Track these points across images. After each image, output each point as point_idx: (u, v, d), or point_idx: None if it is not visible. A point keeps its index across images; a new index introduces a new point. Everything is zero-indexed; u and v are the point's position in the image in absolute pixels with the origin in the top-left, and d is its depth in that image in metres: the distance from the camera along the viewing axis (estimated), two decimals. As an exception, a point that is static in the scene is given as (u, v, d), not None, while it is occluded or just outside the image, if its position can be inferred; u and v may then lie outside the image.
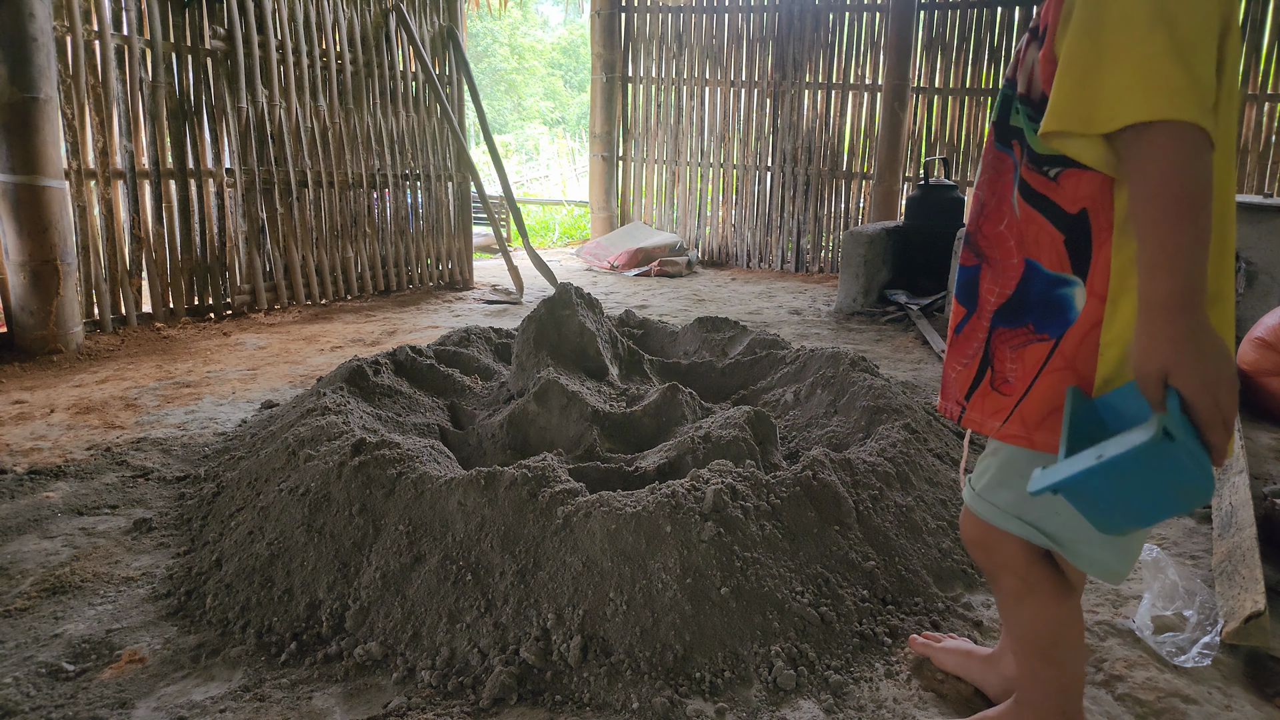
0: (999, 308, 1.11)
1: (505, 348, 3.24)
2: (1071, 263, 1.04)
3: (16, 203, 3.47)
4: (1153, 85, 0.88)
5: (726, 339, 3.28)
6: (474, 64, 5.71)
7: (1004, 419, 1.09)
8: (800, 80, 7.15)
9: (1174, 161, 0.89)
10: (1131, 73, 0.90)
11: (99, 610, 1.70)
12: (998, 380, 1.11)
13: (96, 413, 2.93)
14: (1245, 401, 3.05)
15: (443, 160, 5.66)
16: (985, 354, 1.13)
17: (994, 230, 1.13)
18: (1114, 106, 0.90)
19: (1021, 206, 1.08)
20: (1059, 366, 1.04)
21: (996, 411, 1.11)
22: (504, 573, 1.62)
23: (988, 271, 1.14)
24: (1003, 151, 1.12)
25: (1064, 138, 0.97)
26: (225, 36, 4.40)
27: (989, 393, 1.12)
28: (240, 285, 4.59)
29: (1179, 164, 0.88)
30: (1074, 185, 1.02)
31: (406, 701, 1.43)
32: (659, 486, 1.74)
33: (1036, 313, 1.07)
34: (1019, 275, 1.08)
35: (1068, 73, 0.95)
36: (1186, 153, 0.88)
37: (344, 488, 1.82)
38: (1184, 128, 0.88)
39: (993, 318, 1.12)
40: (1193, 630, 1.65)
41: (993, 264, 1.13)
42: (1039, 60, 1.04)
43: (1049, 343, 1.05)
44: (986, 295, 1.13)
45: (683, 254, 7.13)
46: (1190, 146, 0.89)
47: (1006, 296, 1.10)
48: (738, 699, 1.44)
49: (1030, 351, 1.07)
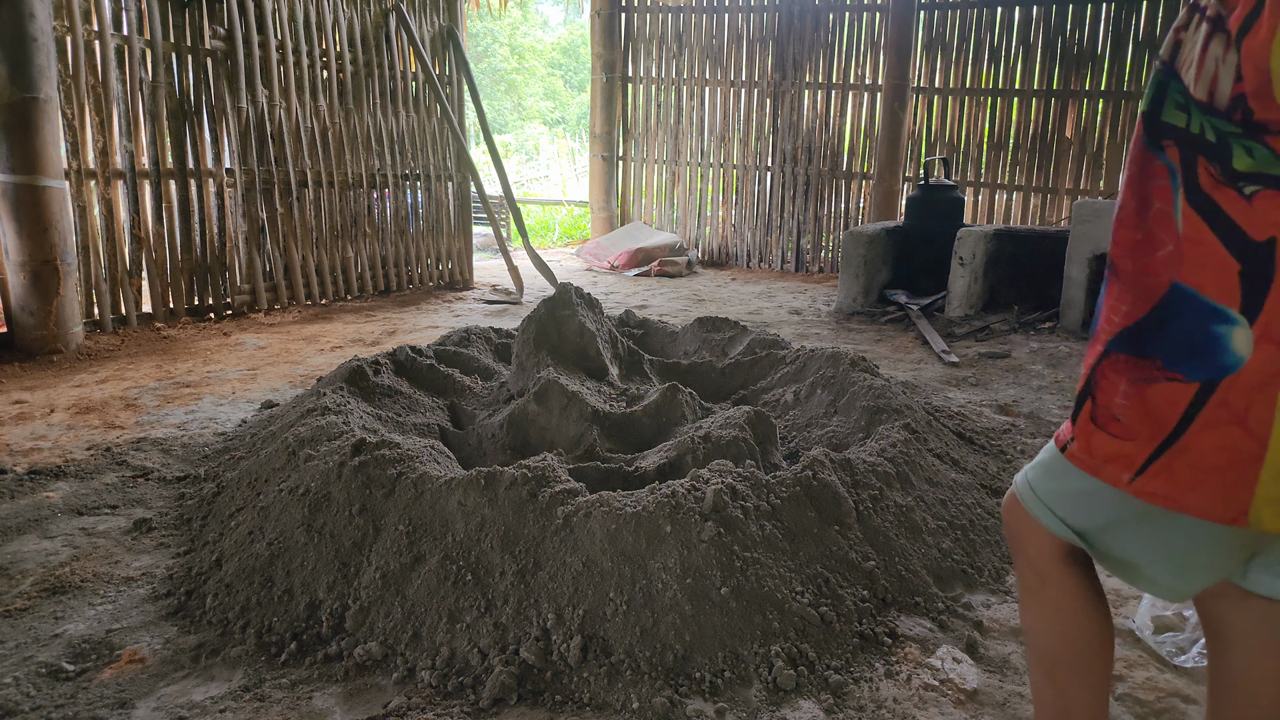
0: (1123, 330, 0.95)
1: (505, 348, 3.24)
2: (1242, 298, 0.86)
3: (16, 203, 3.47)
4: None
5: (726, 339, 3.28)
6: (474, 64, 5.72)
7: (1135, 471, 0.92)
8: (800, 80, 7.15)
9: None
10: None
11: (99, 610, 1.70)
12: (1102, 416, 0.96)
13: (96, 413, 2.93)
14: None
15: (443, 160, 5.66)
16: (1090, 380, 0.99)
17: (1129, 238, 0.96)
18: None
19: (1190, 221, 0.89)
20: (1223, 420, 0.87)
21: (1116, 458, 0.94)
22: (504, 573, 1.62)
23: (1115, 286, 0.97)
24: (1152, 153, 0.94)
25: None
26: (225, 36, 4.40)
27: (1093, 430, 0.97)
28: (240, 285, 4.59)
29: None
30: (1270, 208, 0.84)
31: (406, 701, 1.43)
32: (659, 486, 1.74)
33: (1171, 346, 0.90)
34: (1159, 296, 0.91)
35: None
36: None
37: (344, 488, 1.82)
38: None
39: (1111, 341, 0.96)
40: (1193, 630, 1.65)
41: (1122, 276, 0.96)
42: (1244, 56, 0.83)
43: (1188, 386, 0.88)
44: (1110, 314, 0.97)
45: (683, 254, 7.13)
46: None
47: (1136, 319, 0.93)
48: (738, 699, 1.44)
49: (1156, 392, 0.90)
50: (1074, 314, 4.52)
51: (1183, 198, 0.90)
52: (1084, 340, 4.35)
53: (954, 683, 1.52)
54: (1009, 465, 2.54)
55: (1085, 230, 4.42)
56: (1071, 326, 4.50)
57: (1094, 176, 6.54)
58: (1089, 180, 6.59)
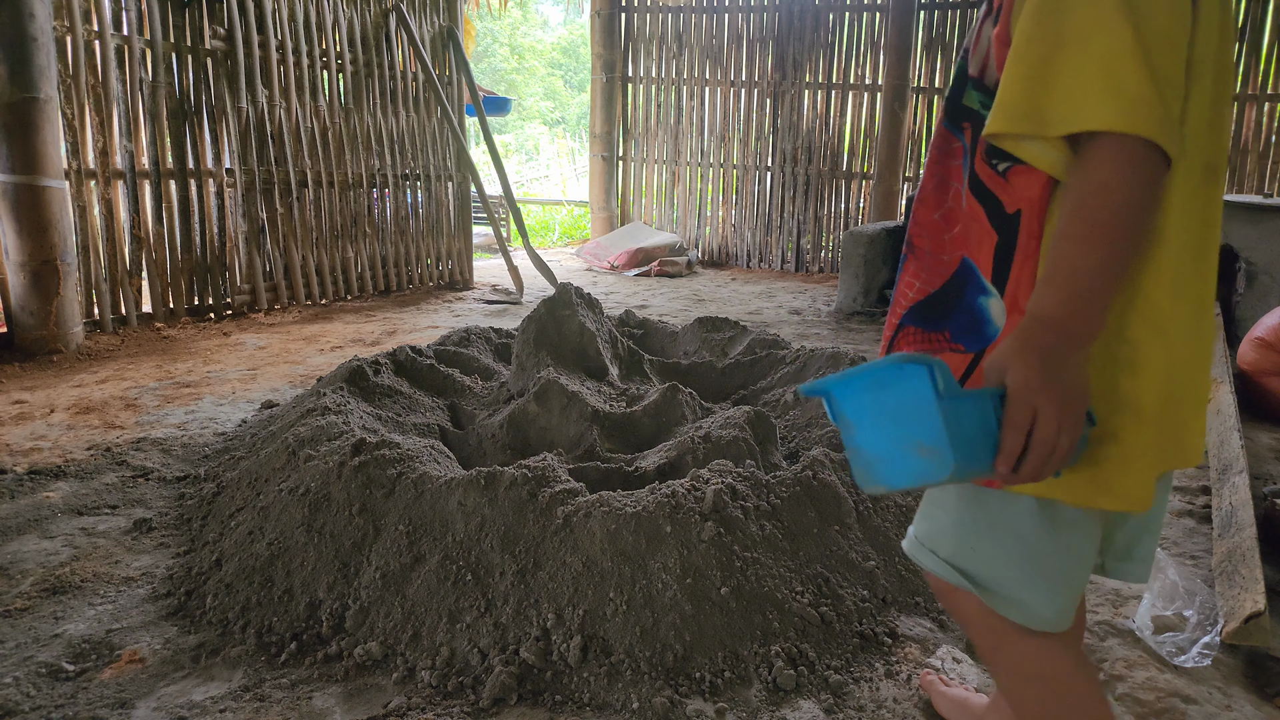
0: (915, 304, 0.97)
1: (505, 348, 3.23)
2: (994, 270, 0.91)
3: (16, 203, 3.47)
4: (1112, 88, 0.76)
5: (726, 339, 3.28)
6: (474, 64, 5.70)
7: None
8: (800, 80, 7.15)
9: (1113, 179, 0.77)
10: (1093, 68, 0.77)
11: (99, 610, 1.70)
12: None
13: (96, 413, 2.93)
14: (1245, 401, 3.05)
15: (443, 160, 5.66)
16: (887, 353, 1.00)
17: (928, 217, 0.99)
18: (1072, 107, 0.78)
19: (969, 200, 0.94)
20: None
21: None
22: (504, 573, 1.62)
23: (911, 263, 1.00)
24: (951, 133, 0.97)
25: (1016, 139, 0.85)
26: (225, 36, 4.40)
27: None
28: (240, 285, 4.59)
29: (1117, 183, 0.77)
30: (1023, 184, 0.88)
31: (406, 701, 1.43)
32: (659, 486, 1.74)
33: (957, 320, 0.93)
34: (950, 273, 0.95)
35: (1021, 61, 0.82)
36: (1129, 172, 0.77)
37: (344, 488, 1.82)
38: (1135, 144, 0.76)
39: (905, 315, 0.98)
40: (1193, 630, 1.65)
41: (919, 255, 0.99)
42: (993, 39, 0.90)
43: (966, 356, 0.92)
44: (904, 288, 1.00)
45: (683, 254, 7.13)
46: (1136, 165, 0.77)
47: (927, 294, 0.97)
48: (738, 699, 1.44)
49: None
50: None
51: (966, 177, 0.94)
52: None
53: (954, 684, 1.52)
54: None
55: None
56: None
57: (1094, 176, 6.54)
58: (1089, 180, 6.58)
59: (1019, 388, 0.78)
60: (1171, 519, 2.24)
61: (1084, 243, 0.79)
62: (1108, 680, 1.55)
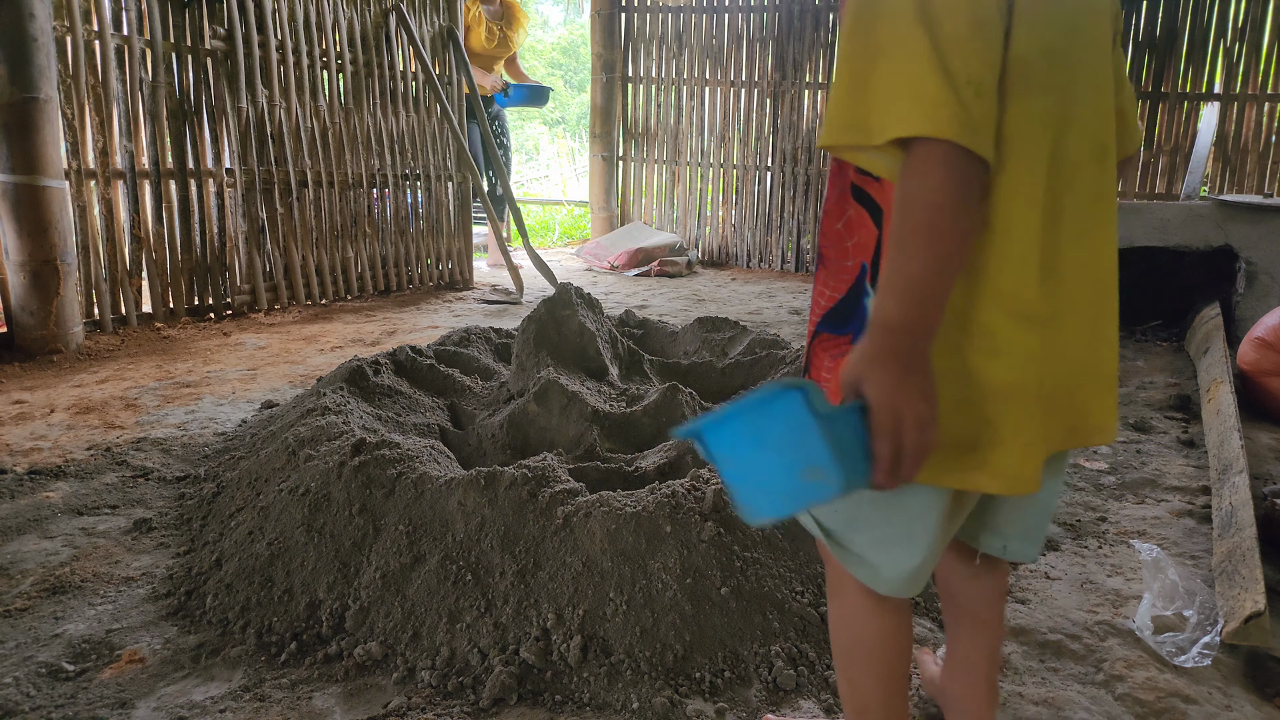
0: (827, 311, 1.01)
1: (505, 348, 3.23)
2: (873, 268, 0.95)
3: (16, 203, 3.47)
4: (913, 95, 0.80)
5: (726, 339, 3.28)
6: (474, 64, 5.68)
7: None
8: (800, 80, 7.15)
9: (921, 183, 0.81)
10: (897, 78, 0.81)
11: (99, 610, 1.70)
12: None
13: (96, 413, 2.93)
14: (1245, 401, 3.05)
15: (443, 160, 5.66)
16: (806, 361, 1.05)
17: (831, 227, 1.03)
18: (883, 116, 0.82)
19: (854, 206, 0.99)
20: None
21: None
22: (504, 573, 1.62)
23: (821, 272, 1.04)
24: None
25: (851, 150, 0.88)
26: (225, 36, 4.40)
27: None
28: (240, 285, 4.59)
29: (926, 186, 0.80)
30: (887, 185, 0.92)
31: (406, 701, 1.43)
32: (659, 486, 1.74)
33: (854, 323, 0.97)
34: (853, 278, 0.99)
35: (840, 76, 0.86)
36: (937, 175, 0.80)
37: (344, 488, 1.82)
38: (938, 147, 0.79)
39: (819, 322, 1.02)
40: (1193, 630, 1.65)
41: (828, 264, 1.03)
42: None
43: None
44: (818, 297, 1.04)
45: (683, 254, 7.13)
46: (941, 167, 0.80)
47: (836, 301, 1.00)
48: (738, 699, 1.45)
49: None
50: (1074, 314, 4.51)
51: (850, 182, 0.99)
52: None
53: (954, 683, 1.52)
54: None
55: (1085, 230, 4.41)
56: (1071, 326, 4.50)
57: (1094, 176, 6.53)
58: (1089, 180, 6.57)
59: (879, 396, 0.82)
60: (1171, 519, 2.24)
61: (907, 247, 0.82)
62: (1107, 680, 1.55)
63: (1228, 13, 6.15)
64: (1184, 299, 4.49)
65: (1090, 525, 2.20)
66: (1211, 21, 6.20)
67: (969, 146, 0.79)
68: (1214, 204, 4.18)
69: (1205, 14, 6.20)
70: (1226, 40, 6.20)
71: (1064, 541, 2.11)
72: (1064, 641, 1.67)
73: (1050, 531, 2.15)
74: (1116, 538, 2.13)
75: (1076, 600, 1.82)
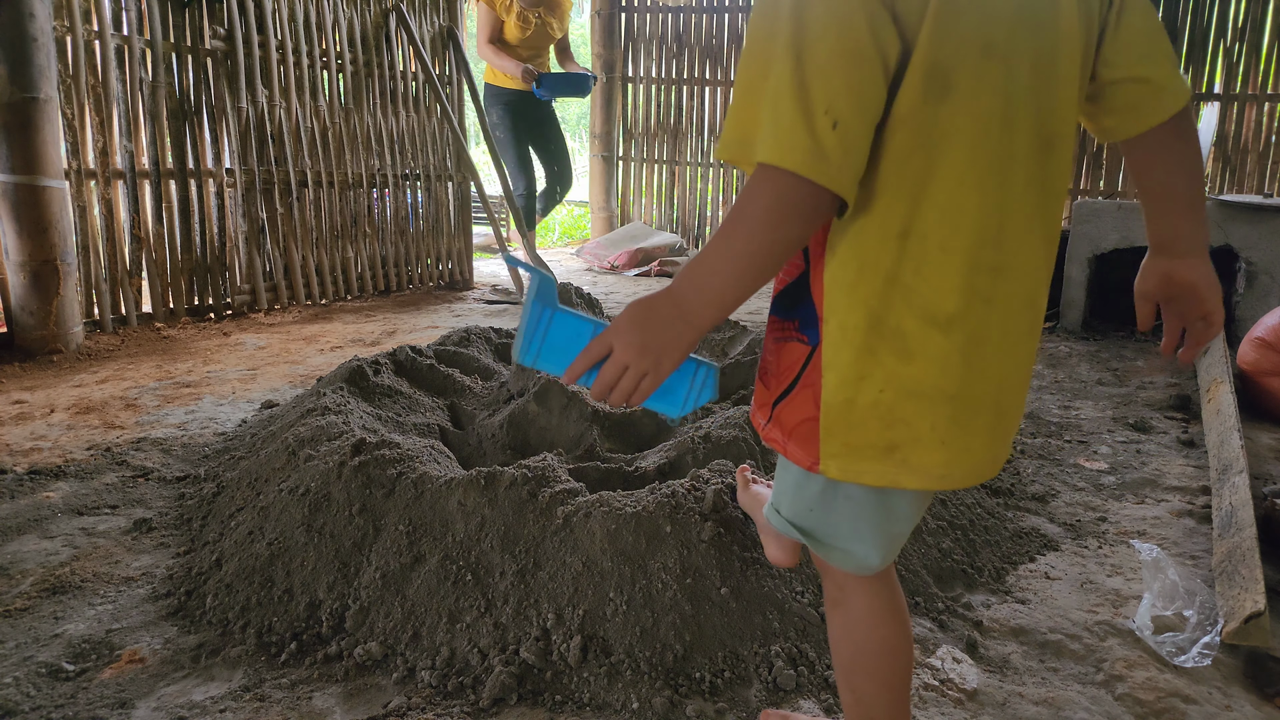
0: (777, 294, 1.04)
1: (505, 348, 3.23)
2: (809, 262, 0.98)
3: (16, 203, 3.47)
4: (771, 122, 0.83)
5: (726, 339, 3.28)
6: (474, 64, 5.64)
7: (766, 419, 1.04)
8: (800, 80, 7.15)
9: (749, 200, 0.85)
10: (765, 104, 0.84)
11: (99, 610, 1.70)
12: (761, 369, 1.06)
13: (96, 413, 2.93)
14: (1245, 401, 3.05)
15: (443, 160, 5.65)
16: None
17: None
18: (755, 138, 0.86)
19: None
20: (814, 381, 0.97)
21: (761, 406, 1.05)
22: (504, 573, 1.62)
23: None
24: None
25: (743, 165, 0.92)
26: (225, 36, 4.40)
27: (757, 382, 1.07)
28: (240, 285, 4.59)
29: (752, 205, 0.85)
30: None
31: (406, 701, 1.43)
32: (659, 486, 1.74)
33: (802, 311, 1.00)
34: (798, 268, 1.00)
35: (735, 94, 0.91)
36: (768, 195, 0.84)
37: (344, 488, 1.82)
38: (774, 173, 0.83)
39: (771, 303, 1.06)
40: (1193, 630, 1.65)
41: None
42: None
43: (807, 347, 0.98)
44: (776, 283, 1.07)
45: (683, 254, 7.13)
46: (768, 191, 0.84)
47: (785, 284, 1.03)
48: (738, 699, 1.45)
49: (789, 350, 1.00)
50: (1074, 314, 4.52)
51: None
52: (1084, 340, 4.35)
53: (954, 682, 1.52)
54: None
55: (1085, 230, 4.42)
56: (1071, 326, 4.50)
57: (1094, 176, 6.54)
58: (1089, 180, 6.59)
59: (610, 327, 0.93)
60: (1171, 519, 2.24)
61: (719, 238, 0.88)
62: (1107, 680, 1.55)
63: (1228, 13, 6.15)
64: (1184, 299, 4.47)
65: (1090, 525, 2.20)
66: (1211, 21, 6.20)
67: (811, 178, 0.82)
68: (1214, 204, 4.18)
69: (1205, 14, 6.20)
70: (1226, 40, 6.20)
71: (1064, 541, 2.11)
72: (1064, 641, 1.67)
73: (1050, 531, 2.15)
74: (1116, 538, 2.13)
75: (1076, 600, 1.82)
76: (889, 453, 0.94)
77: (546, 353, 0.98)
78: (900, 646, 1.11)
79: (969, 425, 0.94)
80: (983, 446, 0.97)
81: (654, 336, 0.91)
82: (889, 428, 0.93)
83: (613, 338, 0.91)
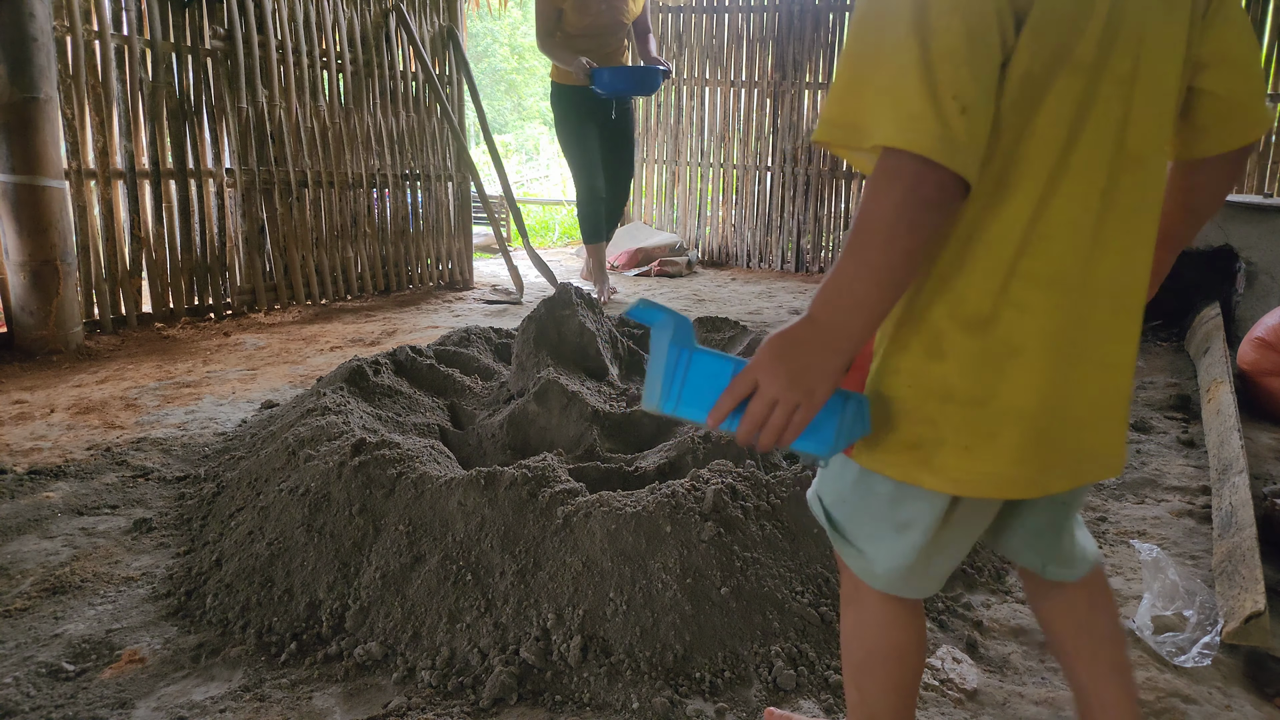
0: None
1: (505, 348, 3.23)
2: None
3: (16, 203, 3.47)
4: (894, 105, 0.79)
5: (726, 339, 3.28)
6: (474, 64, 5.65)
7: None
8: (800, 80, 7.15)
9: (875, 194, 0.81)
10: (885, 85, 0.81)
11: (99, 610, 1.70)
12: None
13: (96, 413, 2.93)
14: (1245, 401, 3.05)
15: (443, 160, 5.65)
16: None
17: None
18: (869, 122, 0.82)
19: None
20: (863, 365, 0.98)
21: None
22: (504, 573, 1.62)
23: None
24: None
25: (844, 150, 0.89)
26: (225, 36, 4.40)
27: None
28: (240, 285, 4.59)
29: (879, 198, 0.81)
30: None
31: (406, 701, 1.43)
32: (659, 486, 1.74)
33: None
34: None
35: (841, 77, 0.87)
36: (894, 187, 0.80)
37: (344, 488, 1.82)
38: (904, 159, 0.79)
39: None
40: (1193, 630, 1.65)
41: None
42: None
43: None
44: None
45: (683, 254, 7.13)
46: (900, 180, 0.80)
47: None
48: (738, 699, 1.45)
49: None
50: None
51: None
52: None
53: (954, 682, 1.52)
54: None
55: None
56: (1071, 326, 4.50)
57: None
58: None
59: (752, 363, 0.88)
60: (1171, 519, 2.24)
61: (849, 252, 0.83)
62: (1108, 680, 1.55)
63: (1228, 13, 6.16)
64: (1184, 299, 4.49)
65: (1090, 525, 2.20)
66: (1211, 21, 6.20)
67: (943, 163, 0.78)
68: (1214, 204, 4.17)
69: (1205, 14, 6.20)
70: (1226, 40, 6.20)
71: (1064, 541, 2.10)
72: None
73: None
74: (1116, 538, 2.13)
75: (1076, 600, 1.82)
76: (912, 449, 0.93)
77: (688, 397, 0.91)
78: (912, 652, 1.09)
79: (997, 436, 0.90)
80: (1011, 462, 0.91)
81: (801, 365, 0.85)
82: (914, 424, 0.92)
83: (757, 373, 0.87)
